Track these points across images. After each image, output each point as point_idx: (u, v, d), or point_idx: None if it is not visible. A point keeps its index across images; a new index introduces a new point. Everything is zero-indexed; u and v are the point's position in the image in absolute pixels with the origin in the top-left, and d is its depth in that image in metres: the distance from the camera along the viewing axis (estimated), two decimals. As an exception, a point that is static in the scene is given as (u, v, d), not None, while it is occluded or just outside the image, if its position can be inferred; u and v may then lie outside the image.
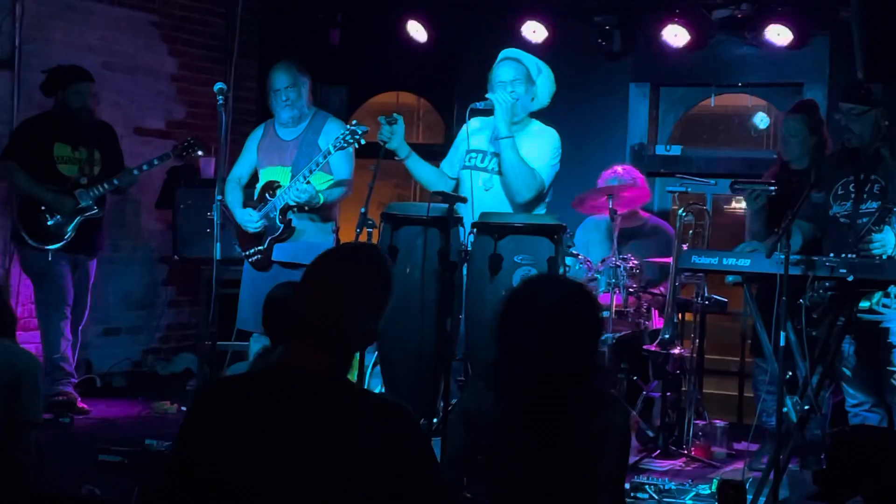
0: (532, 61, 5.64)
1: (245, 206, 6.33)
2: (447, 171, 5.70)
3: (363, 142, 5.87)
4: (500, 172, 5.46)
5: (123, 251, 8.18)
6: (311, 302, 2.56)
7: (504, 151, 5.37)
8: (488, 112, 5.46)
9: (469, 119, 5.50)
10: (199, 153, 7.26)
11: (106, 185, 6.92)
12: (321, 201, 6.11)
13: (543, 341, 3.19)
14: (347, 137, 5.85)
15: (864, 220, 5.27)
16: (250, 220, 6.23)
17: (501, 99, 5.40)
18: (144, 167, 7.04)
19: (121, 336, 8.25)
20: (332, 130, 6.20)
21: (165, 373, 8.27)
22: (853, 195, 5.36)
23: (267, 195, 6.22)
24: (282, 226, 6.16)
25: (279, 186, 6.18)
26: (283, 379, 2.53)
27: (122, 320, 8.26)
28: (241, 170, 6.50)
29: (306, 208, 6.13)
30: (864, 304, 5.08)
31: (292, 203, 6.09)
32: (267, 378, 2.59)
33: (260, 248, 6.25)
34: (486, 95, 5.44)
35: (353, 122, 5.96)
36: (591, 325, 3.29)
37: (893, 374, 5.27)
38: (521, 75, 5.54)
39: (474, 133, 5.64)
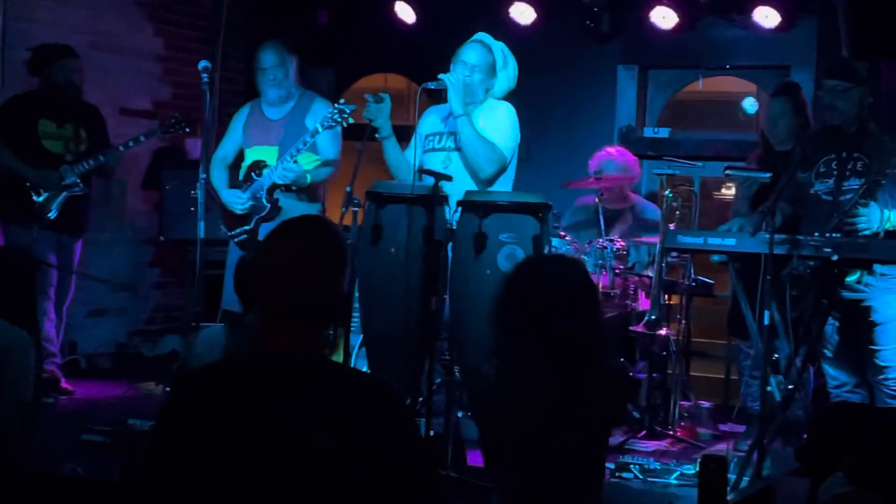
0: (501, 53, 5.61)
1: (230, 185, 6.31)
2: (410, 159, 5.67)
3: (351, 120, 5.86)
4: (457, 149, 5.46)
5: (109, 232, 8.14)
6: (273, 280, 2.54)
7: (461, 129, 5.37)
8: (440, 92, 5.46)
9: (419, 99, 5.46)
10: (187, 130, 7.21)
11: (91, 162, 6.86)
12: (308, 181, 6.10)
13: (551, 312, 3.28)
14: (335, 116, 5.84)
15: (848, 196, 5.24)
16: (238, 200, 6.21)
17: (454, 79, 5.41)
18: (130, 143, 6.98)
19: (106, 317, 8.21)
20: (320, 110, 6.19)
21: (151, 354, 8.23)
22: (835, 172, 5.34)
23: (253, 174, 6.20)
24: (269, 205, 6.14)
25: (265, 166, 6.16)
26: (260, 361, 2.51)
27: (108, 301, 8.21)
28: (226, 149, 6.48)
29: (293, 188, 6.11)
30: (848, 279, 5.08)
31: (279, 182, 6.07)
32: (244, 362, 2.57)
33: (246, 227, 6.23)
34: (439, 75, 5.43)
35: (341, 100, 5.94)
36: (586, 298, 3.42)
37: (876, 353, 5.26)
38: (484, 62, 5.53)
39: (427, 118, 5.65)
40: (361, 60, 8.96)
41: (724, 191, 10.00)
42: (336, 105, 5.90)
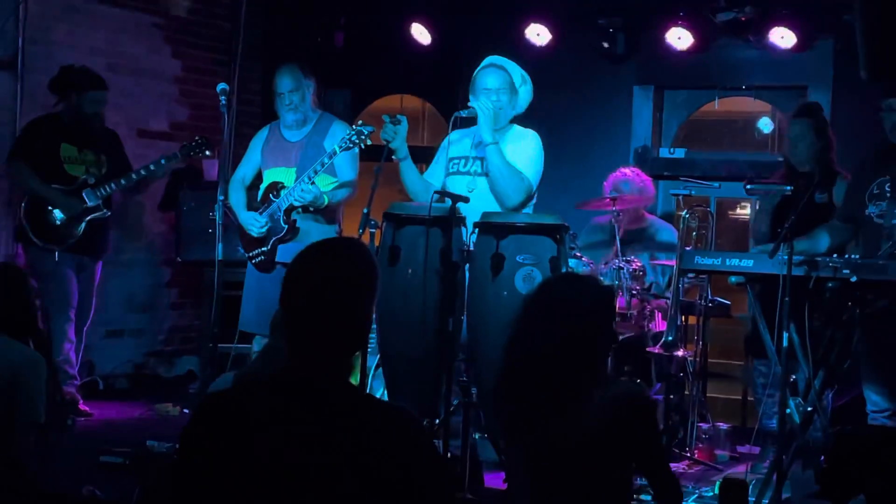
0: (517, 70, 5.66)
1: (248, 206, 6.33)
2: (432, 181, 5.68)
3: (369, 142, 5.88)
4: (484, 174, 5.50)
5: (127, 253, 8.17)
6: (301, 306, 2.47)
7: (490, 157, 5.41)
8: (472, 120, 5.48)
9: (451, 128, 5.48)
10: (207, 153, 7.23)
11: (113, 185, 6.91)
12: (326, 202, 6.11)
13: (553, 331, 3.37)
14: (353, 138, 5.85)
15: None
16: (255, 224, 6.22)
17: (485, 107, 5.43)
18: (152, 167, 6.98)
19: (123, 338, 8.24)
20: (338, 132, 6.21)
21: (168, 375, 8.26)
22: (888, 195, 5.24)
23: (271, 196, 6.22)
24: (286, 226, 6.16)
25: (283, 187, 6.18)
26: (285, 388, 2.47)
27: (125, 322, 8.24)
28: (244, 171, 6.51)
29: (311, 209, 6.12)
30: None
31: (297, 204, 6.09)
32: (268, 388, 2.50)
33: (264, 249, 6.24)
34: (469, 104, 5.46)
35: (359, 122, 5.95)
36: (600, 317, 3.46)
37: None
38: (505, 84, 5.58)
39: (454, 142, 5.66)
40: (377, 82, 9.00)
41: (739, 210, 9.98)
42: (354, 127, 5.92)
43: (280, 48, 8.80)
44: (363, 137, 5.83)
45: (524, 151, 5.51)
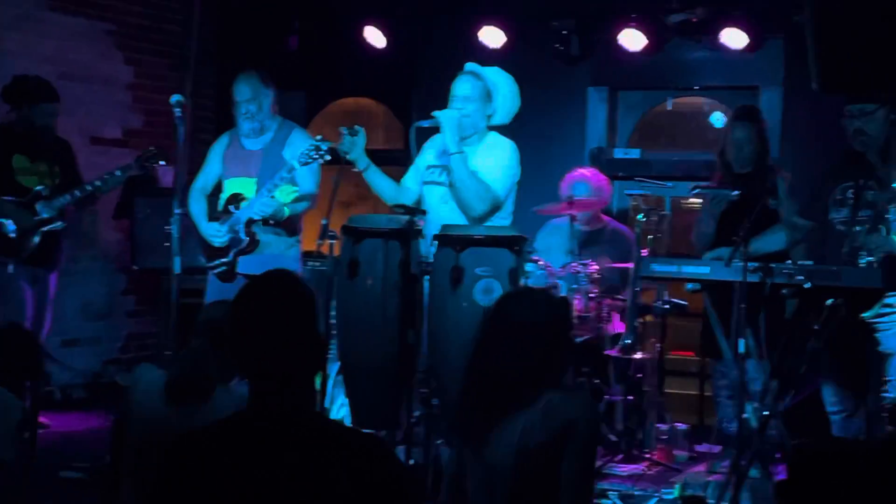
0: (493, 78, 5.63)
1: (209, 216, 6.31)
2: (410, 186, 5.70)
3: (328, 157, 5.84)
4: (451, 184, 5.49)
5: (81, 262, 8.12)
6: (246, 347, 2.54)
7: (454, 167, 5.39)
8: (434, 129, 5.48)
9: (415, 139, 5.48)
10: (162, 162, 7.17)
11: (68, 197, 6.83)
12: (286, 214, 6.11)
13: (515, 348, 3.41)
14: (312, 153, 5.83)
15: (859, 228, 5.19)
16: (217, 234, 6.21)
17: (447, 116, 5.42)
18: (106, 178, 6.88)
19: (80, 347, 8.18)
20: (297, 142, 6.19)
21: (126, 383, 8.16)
22: (850, 201, 5.27)
23: (231, 207, 6.20)
24: (247, 239, 6.15)
25: (244, 199, 6.16)
26: (253, 426, 2.51)
27: (81, 331, 8.19)
28: (205, 179, 6.48)
29: (271, 222, 6.11)
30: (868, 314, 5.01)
31: (257, 217, 6.07)
32: (237, 427, 2.54)
33: (225, 259, 6.23)
34: (432, 113, 5.45)
35: (318, 137, 5.94)
36: (559, 334, 3.50)
37: (885, 383, 5.15)
38: (476, 92, 5.55)
39: (431, 148, 5.67)
40: (332, 85, 8.99)
41: (692, 200, 10.04)
42: (313, 141, 5.90)
43: (234, 52, 8.77)
44: (321, 153, 5.81)
45: (495, 161, 5.50)
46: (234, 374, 3.98)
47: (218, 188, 6.46)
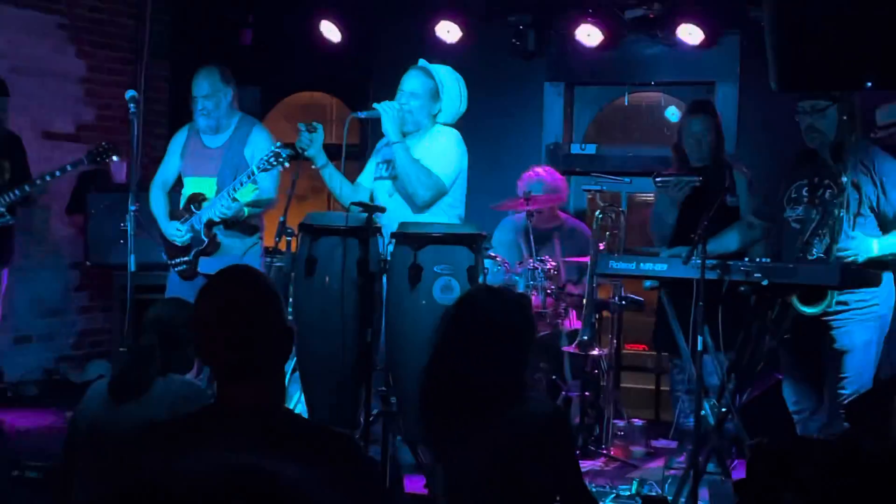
0: (443, 77, 5.60)
1: (170, 212, 6.25)
2: (365, 185, 5.67)
3: (287, 164, 5.78)
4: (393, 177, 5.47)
5: (33, 258, 8.02)
6: (209, 340, 2.54)
7: (396, 156, 5.39)
8: (373, 120, 5.47)
9: (347, 128, 5.44)
10: (115, 158, 7.09)
11: (17, 192, 6.74)
12: (245, 215, 6.07)
13: (478, 348, 3.38)
14: (271, 160, 5.76)
15: (810, 227, 5.16)
16: (178, 234, 6.16)
17: (387, 107, 5.41)
18: (57, 173, 6.80)
19: (32, 344, 8.09)
20: (258, 141, 6.14)
21: (79, 380, 8.11)
22: (805, 199, 5.27)
23: (192, 207, 6.15)
24: (207, 240, 6.11)
25: (204, 199, 6.12)
26: (222, 421, 2.49)
27: (34, 328, 8.10)
28: (165, 174, 6.42)
29: (230, 222, 6.07)
30: (812, 311, 5.06)
31: (216, 219, 6.03)
32: (206, 420, 2.54)
33: (186, 258, 6.20)
34: (373, 104, 5.44)
35: (277, 143, 5.88)
36: (524, 333, 3.47)
37: (835, 378, 5.20)
38: (423, 89, 5.52)
39: (381, 146, 5.66)
40: (287, 79, 8.92)
41: (647, 197, 10.08)
42: (272, 148, 5.82)
43: (188, 46, 8.71)
44: (281, 160, 5.74)
45: (439, 148, 5.48)
46: (187, 369, 3.96)
47: (179, 183, 6.39)
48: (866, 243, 5.06)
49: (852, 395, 5.07)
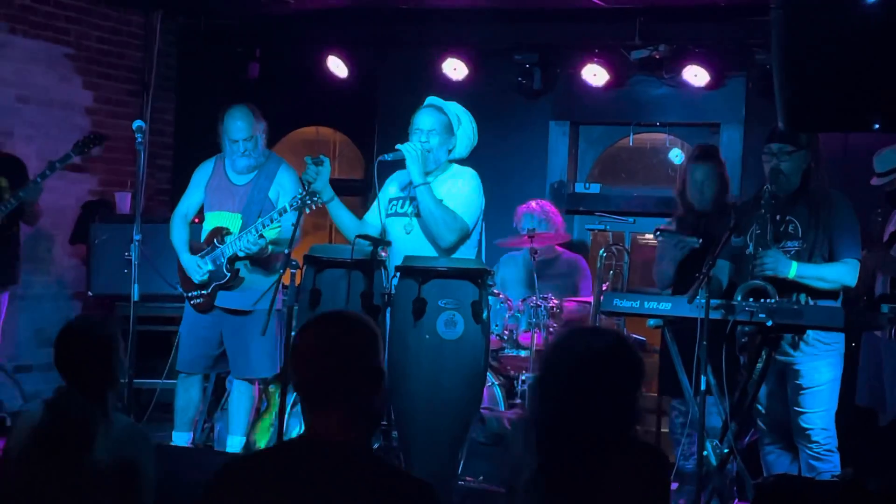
0: (454, 112, 5.59)
1: (190, 244, 6.21)
2: (371, 221, 5.60)
3: (320, 204, 5.56)
4: (418, 214, 5.43)
5: (36, 287, 8.01)
6: (305, 367, 2.66)
7: (421, 198, 5.32)
8: (398, 163, 5.43)
9: (377, 170, 5.42)
10: (99, 148, 7.02)
11: (13, 201, 6.71)
12: (269, 252, 6.03)
13: (584, 394, 3.11)
14: (306, 199, 5.55)
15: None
16: (198, 270, 6.08)
17: (411, 148, 5.35)
18: (47, 172, 6.74)
19: (32, 373, 8.05)
20: (285, 179, 6.09)
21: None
22: (770, 233, 5.25)
23: (215, 240, 6.08)
24: (229, 274, 6.04)
25: (228, 233, 6.04)
26: (305, 451, 2.61)
27: (35, 357, 8.06)
28: (187, 206, 6.33)
29: (254, 258, 6.05)
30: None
31: (241, 254, 5.99)
32: (288, 451, 2.69)
33: (204, 292, 6.12)
34: (396, 146, 5.39)
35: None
36: (631, 376, 3.20)
37: (801, 415, 5.23)
38: (439, 125, 5.48)
39: (393, 182, 5.63)
40: (293, 113, 8.91)
41: (650, 237, 10.08)
42: (307, 189, 5.60)
43: (194, 79, 8.74)
44: (315, 199, 5.51)
45: (460, 190, 5.44)
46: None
47: (200, 215, 6.35)
48: (783, 261, 5.10)
49: (813, 431, 5.18)
